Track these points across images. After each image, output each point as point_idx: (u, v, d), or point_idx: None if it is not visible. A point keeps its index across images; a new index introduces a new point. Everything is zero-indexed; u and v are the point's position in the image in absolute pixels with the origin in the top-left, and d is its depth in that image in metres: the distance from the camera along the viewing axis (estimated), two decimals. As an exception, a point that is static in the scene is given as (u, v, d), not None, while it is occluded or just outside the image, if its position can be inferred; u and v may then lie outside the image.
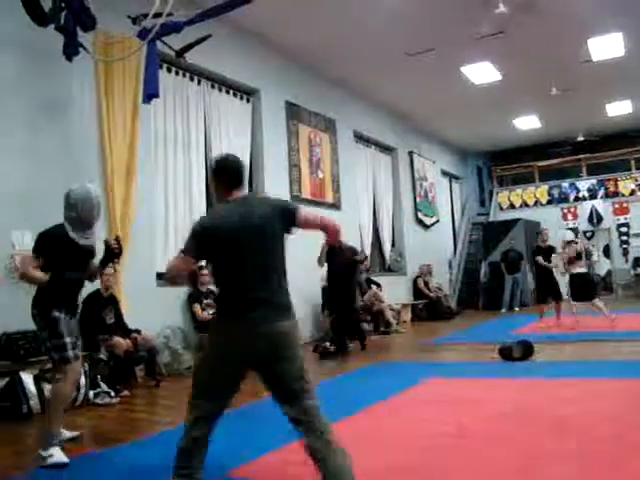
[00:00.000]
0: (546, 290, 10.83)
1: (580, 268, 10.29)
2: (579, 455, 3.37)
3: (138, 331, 6.64)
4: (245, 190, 3.16)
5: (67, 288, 4.16)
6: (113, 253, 4.32)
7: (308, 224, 3.08)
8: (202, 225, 2.97)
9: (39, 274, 4.01)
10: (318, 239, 5.03)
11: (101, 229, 6.83)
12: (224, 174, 3.11)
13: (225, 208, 3.04)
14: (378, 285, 11.90)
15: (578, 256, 10.30)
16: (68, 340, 4.02)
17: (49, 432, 3.86)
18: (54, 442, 3.82)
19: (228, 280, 2.94)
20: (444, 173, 18.38)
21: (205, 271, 8.03)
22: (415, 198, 15.63)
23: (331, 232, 3.21)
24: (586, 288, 10.23)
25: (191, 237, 2.91)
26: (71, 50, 5.81)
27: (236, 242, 2.87)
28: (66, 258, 4.06)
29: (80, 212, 4.10)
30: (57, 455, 3.75)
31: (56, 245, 4.04)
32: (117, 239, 4.40)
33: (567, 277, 10.43)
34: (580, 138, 17.30)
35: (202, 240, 2.89)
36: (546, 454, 3.42)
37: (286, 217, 3.00)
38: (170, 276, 3.10)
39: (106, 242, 4.34)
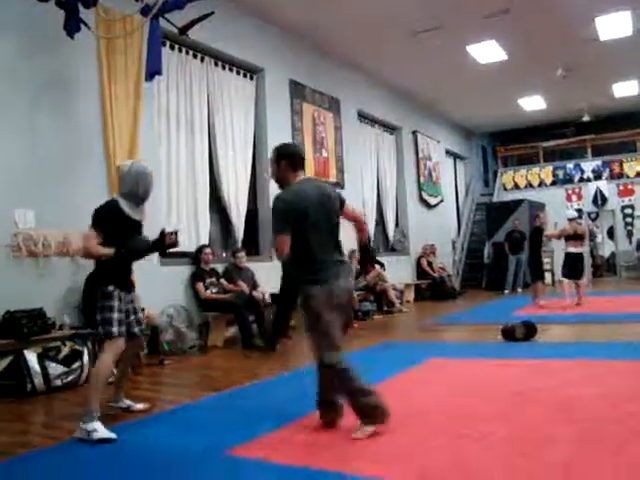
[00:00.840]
0: (537, 270, 11.18)
1: (575, 248, 10.40)
2: (580, 438, 3.37)
3: (142, 309, 6.62)
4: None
5: (124, 263, 4.24)
6: (165, 245, 4.28)
7: (348, 214, 3.91)
8: (287, 203, 3.57)
9: (105, 249, 4.07)
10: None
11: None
12: (291, 158, 3.72)
13: (300, 187, 3.65)
14: (382, 265, 11.90)
15: (576, 236, 10.39)
16: (116, 316, 4.11)
17: (89, 406, 3.84)
18: (95, 415, 3.81)
19: (311, 247, 3.58)
20: (448, 153, 18.29)
21: (208, 250, 8.04)
22: (419, 178, 15.56)
23: (363, 227, 4.05)
24: (576, 268, 10.47)
25: (281, 217, 3.54)
26: (72, 26, 5.78)
27: (317, 215, 3.57)
28: (121, 233, 4.12)
29: (138, 187, 4.20)
30: (101, 430, 3.73)
31: (112, 220, 4.13)
32: (175, 233, 4.32)
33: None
34: (585, 119, 17.19)
35: (290, 216, 3.52)
36: (548, 436, 3.42)
37: (340, 202, 3.78)
38: (280, 256, 3.62)
39: (162, 232, 4.28)
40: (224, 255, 9.14)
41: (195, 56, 8.73)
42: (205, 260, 7.97)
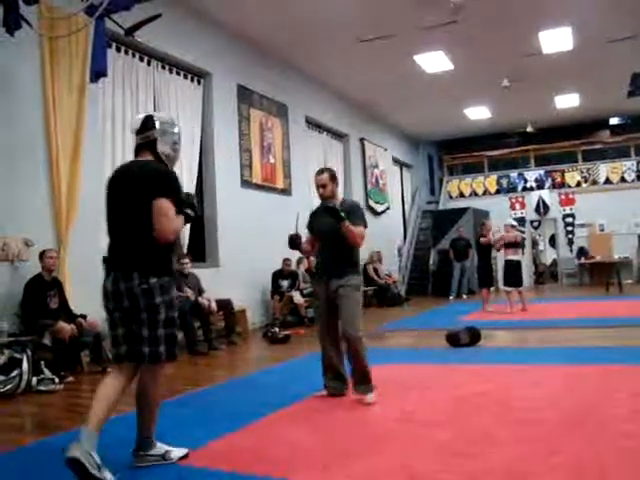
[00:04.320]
0: (486, 277, 11.42)
1: (513, 255, 10.67)
2: (519, 438, 3.42)
3: (84, 316, 6.48)
4: None
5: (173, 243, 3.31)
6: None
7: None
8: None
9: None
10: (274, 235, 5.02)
11: (44, 209, 6.68)
12: (336, 180, 4.87)
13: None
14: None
15: (514, 244, 10.66)
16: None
17: (153, 431, 3.35)
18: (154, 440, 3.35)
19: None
20: (395, 161, 18.48)
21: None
22: (366, 185, 15.67)
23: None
24: (515, 275, 10.75)
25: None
26: (12, 23, 5.62)
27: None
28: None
29: (177, 148, 3.42)
30: (172, 448, 3.35)
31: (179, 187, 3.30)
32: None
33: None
34: (529, 129, 17.61)
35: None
36: (489, 438, 3.47)
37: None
38: (359, 246, 4.67)
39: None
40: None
41: (142, 59, 8.60)
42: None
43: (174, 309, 3.22)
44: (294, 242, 4.85)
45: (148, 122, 3.31)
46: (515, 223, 11.40)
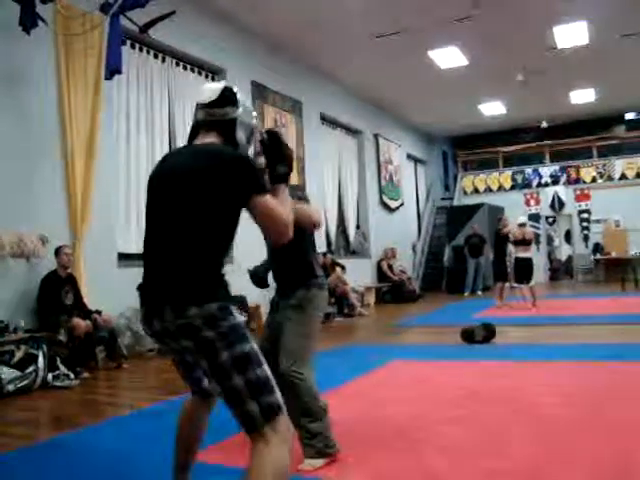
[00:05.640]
0: (500, 273, 11.44)
1: (524, 253, 10.62)
2: (537, 436, 3.41)
3: (99, 312, 6.53)
4: None
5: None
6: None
7: None
8: None
9: None
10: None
11: (60, 208, 6.72)
12: None
13: None
14: (342, 267, 11.91)
15: (524, 241, 10.63)
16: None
17: None
18: None
19: None
20: (409, 157, 18.42)
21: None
22: (380, 181, 15.63)
23: None
24: (526, 272, 10.67)
25: None
26: (28, 22, 5.65)
27: None
28: None
29: (251, 143, 2.47)
30: None
31: None
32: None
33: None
34: (544, 125, 17.48)
35: None
36: (508, 435, 3.46)
37: None
38: None
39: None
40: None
41: (156, 56, 8.63)
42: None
43: (242, 340, 2.09)
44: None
45: (229, 95, 2.35)
46: (526, 222, 11.33)
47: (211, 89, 2.35)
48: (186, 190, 2.11)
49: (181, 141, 8.84)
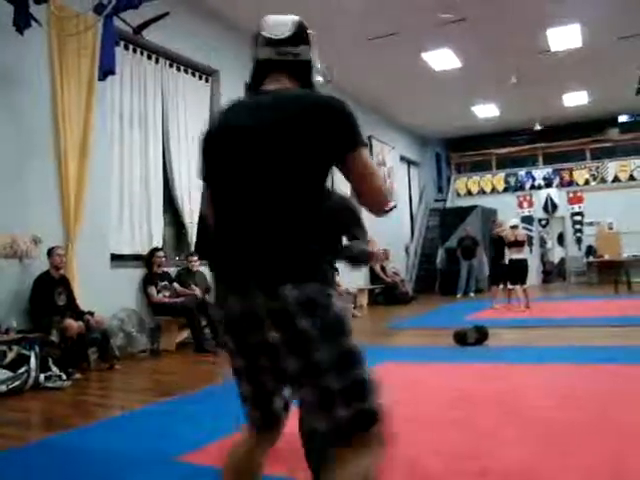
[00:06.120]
0: (497, 275, 11.45)
1: (517, 254, 10.68)
2: (530, 439, 3.41)
3: (91, 313, 6.51)
4: None
5: None
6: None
7: None
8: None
9: None
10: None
11: (53, 209, 6.71)
12: None
13: None
14: (335, 269, 11.88)
15: (517, 242, 10.70)
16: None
17: None
18: None
19: None
20: (403, 159, 18.43)
21: (161, 253, 7.93)
22: (374, 183, 15.59)
23: None
24: (520, 273, 10.77)
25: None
26: (22, 22, 5.64)
27: None
28: None
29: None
30: None
31: None
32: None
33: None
34: (537, 127, 17.53)
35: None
36: (501, 437, 3.46)
37: None
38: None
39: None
40: (177, 258, 9.02)
41: (150, 57, 8.61)
42: (157, 263, 7.86)
43: (345, 333, 1.80)
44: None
45: (303, 33, 2.08)
46: (518, 224, 11.39)
47: (284, 22, 2.04)
48: (276, 145, 1.75)
49: (174, 141, 8.84)
